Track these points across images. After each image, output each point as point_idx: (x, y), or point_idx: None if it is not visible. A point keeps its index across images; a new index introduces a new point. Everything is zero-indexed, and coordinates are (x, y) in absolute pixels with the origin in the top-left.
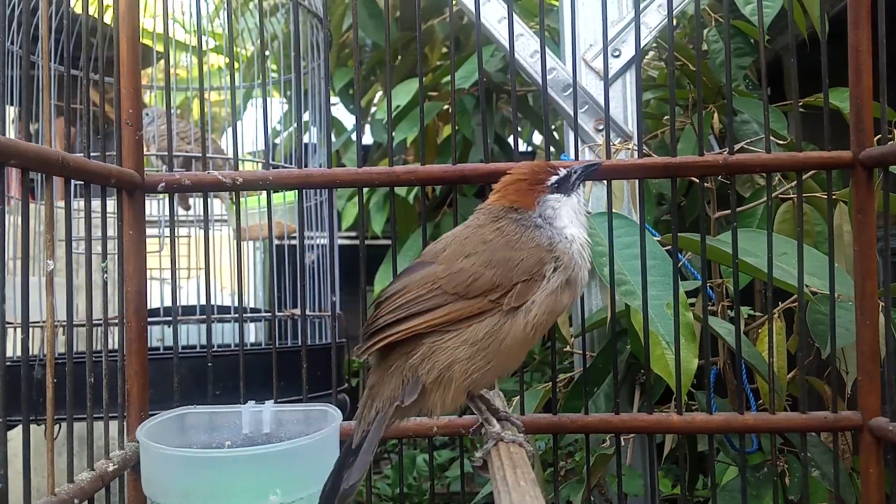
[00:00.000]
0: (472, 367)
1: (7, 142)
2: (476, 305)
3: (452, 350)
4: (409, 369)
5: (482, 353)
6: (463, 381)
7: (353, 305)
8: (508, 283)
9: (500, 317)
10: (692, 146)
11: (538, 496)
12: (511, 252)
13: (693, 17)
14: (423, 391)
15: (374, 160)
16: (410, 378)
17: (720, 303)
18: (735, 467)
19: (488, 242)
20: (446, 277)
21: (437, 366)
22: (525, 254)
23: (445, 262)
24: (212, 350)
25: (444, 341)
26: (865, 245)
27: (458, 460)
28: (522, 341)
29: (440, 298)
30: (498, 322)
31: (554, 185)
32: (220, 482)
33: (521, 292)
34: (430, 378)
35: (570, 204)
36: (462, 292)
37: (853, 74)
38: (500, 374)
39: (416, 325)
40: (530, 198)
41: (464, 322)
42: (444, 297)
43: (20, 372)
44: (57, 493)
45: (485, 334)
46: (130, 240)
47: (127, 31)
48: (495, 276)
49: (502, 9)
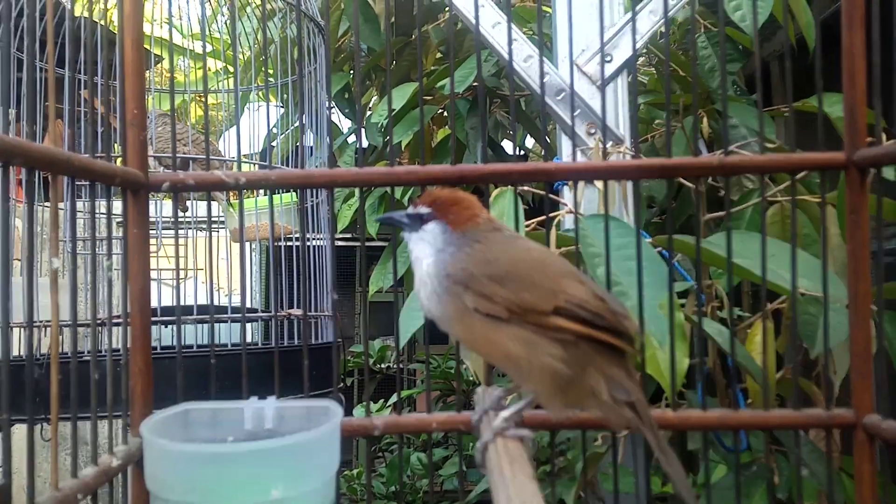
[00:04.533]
0: None
1: (12, 141)
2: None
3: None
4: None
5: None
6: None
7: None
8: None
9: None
10: (682, 149)
11: (535, 491)
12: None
13: (682, 24)
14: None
15: (370, 163)
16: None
17: (709, 304)
18: (724, 466)
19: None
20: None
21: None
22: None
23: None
24: (207, 349)
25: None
26: (858, 246)
27: (450, 458)
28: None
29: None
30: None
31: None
32: (223, 477)
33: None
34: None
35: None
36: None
37: (846, 76)
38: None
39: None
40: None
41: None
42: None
43: (22, 371)
44: (60, 487)
45: None
46: (135, 239)
47: (131, 32)
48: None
49: (496, 14)
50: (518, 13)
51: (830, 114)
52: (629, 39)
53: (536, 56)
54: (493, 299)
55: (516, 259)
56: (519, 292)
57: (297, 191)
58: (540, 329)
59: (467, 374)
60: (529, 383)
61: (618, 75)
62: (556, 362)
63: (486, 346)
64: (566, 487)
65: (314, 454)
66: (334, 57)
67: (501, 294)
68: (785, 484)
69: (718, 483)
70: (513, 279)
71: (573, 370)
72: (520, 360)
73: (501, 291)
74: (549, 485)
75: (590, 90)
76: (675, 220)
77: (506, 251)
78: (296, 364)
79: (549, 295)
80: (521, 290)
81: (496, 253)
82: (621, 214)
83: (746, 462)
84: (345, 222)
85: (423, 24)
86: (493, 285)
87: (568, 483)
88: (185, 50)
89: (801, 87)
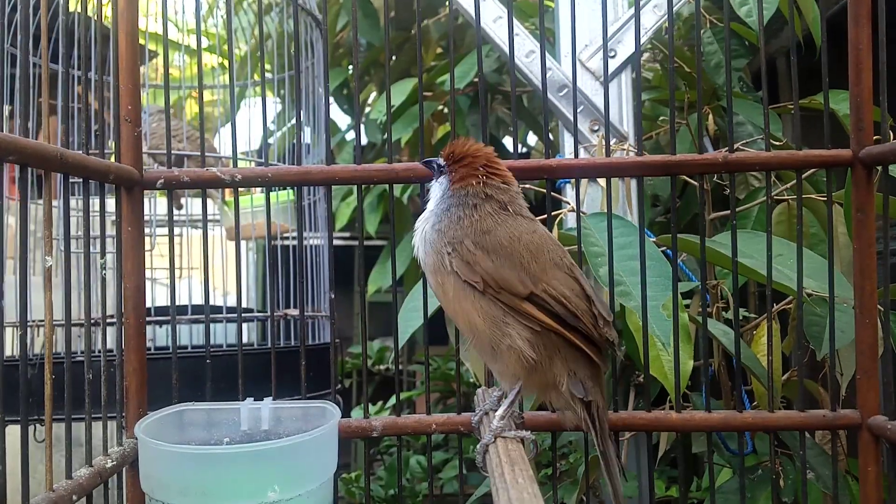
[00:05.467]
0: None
1: (5, 137)
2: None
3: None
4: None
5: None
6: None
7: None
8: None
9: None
10: (687, 146)
11: (536, 493)
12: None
13: (687, 19)
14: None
15: (368, 160)
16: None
17: (715, 304)
18: (729, 469)
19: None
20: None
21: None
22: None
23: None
24: (202, 349)
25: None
26: (865, 244)
27: (450, 461)
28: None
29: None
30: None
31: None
32: (219, 478)
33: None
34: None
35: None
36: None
37: (853, 73)
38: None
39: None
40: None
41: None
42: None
43: (17, 370)
44: (55, 489)
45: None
46: (129, 236)
47: (126, 27)
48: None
49: (498, 9)
50: (520, 7)
51: (837, 111)
52: (633, 34)
53: (538, 51)
54: (473, 268)
55: (513, 236)
56: (501, 269)
57: (294, 188)
58: (511, 310)
59: (467, 375)
60: (495, 363)
61: (621, 71)
62: (523, 344)
63: (456, 311)
64: (568, 491)
65: (312, 456)
66: (332, 52)
67: (483, 265)
68: (790, 487)
69: (723, 486)
70: (500, 254)
71: (539, 356)
72: (482, 336)
73: (485, 263)
74: (550, 488)
75: (593, 86)
76: (679, 218)
77: (504, 225)
78: (293, 365)
79: (530, 280)
80: (505, 267)
81: (492, 224)
82: (625, 213)
83: (751, 465)
84: (343, 221)
85: (424, 18)
86: (479, 255)
87: (570, 487)
88: (181, 45)
89: (808, 84)
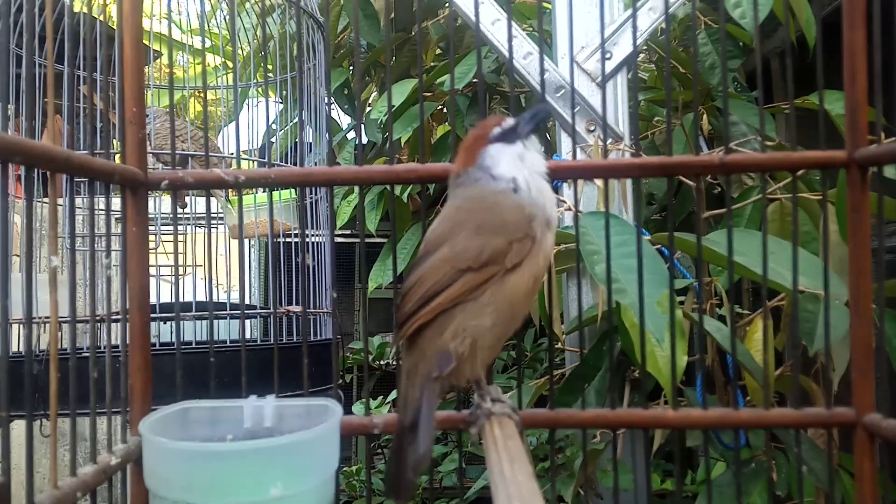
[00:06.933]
0: (490, 333)
1: (12, 139)
2: (484, 274)
3: (475, 323)
4: (441, 346)
5: (496, 314)
6: (485, 350)
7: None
8: (506, 246)
9: (505, 276)
10: (682, 147)
11: (535, 490)
12: (501, 213)
13: (682, 21)
14: (456, 362)
15: (369, 160)
16: (444, 353)
17: (708, 301)
18: (723, 463)
19: (472, 212)
20: (452, 258)
21: (465, 342)
22: (512, 212)
23: (448, 245)
24: (206, 346)
25: (466, 316)
26: (859, 244)
27: (448, 455)
28: (526, 293)
29: (452, 276)
30: (503, 283)
31: (495, 136)
32: (222, 475)
33: (518, 251)
34: (461, 351)
35: (510, 151)
36: (473, 266)
37: (848, 75)
38: (510, 332)
39: (439, 304)
40: (473, 154)
41: (478, 289)
42: (456, 274)
43: (22, 367)
44: (59, 486)
45: (495, 298)
46: (133, 236)
47: (130, 29)
48: (494, 244)
49: (497, 11)
50: (518, 10)
51: (831, 111)
52: (629, 36)
53: (536, 53)
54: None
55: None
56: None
57: (296, 187)
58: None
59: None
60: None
61: (618, 72)
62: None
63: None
64: (565, 484)
65: (314, 452)
66: (334, 53)
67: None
68: (784, 481)
69: (718, 480)
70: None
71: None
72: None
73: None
74: (548, 481)
75: (589, 87)
76: (674, 217)
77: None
78: (295, 361)
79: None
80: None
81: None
82: (620, 212)
83: (746, 459)
84: (344, 219)
85: (423, 20)
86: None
87: (567, 480)
88: (184, 46)
89: (802, 85)
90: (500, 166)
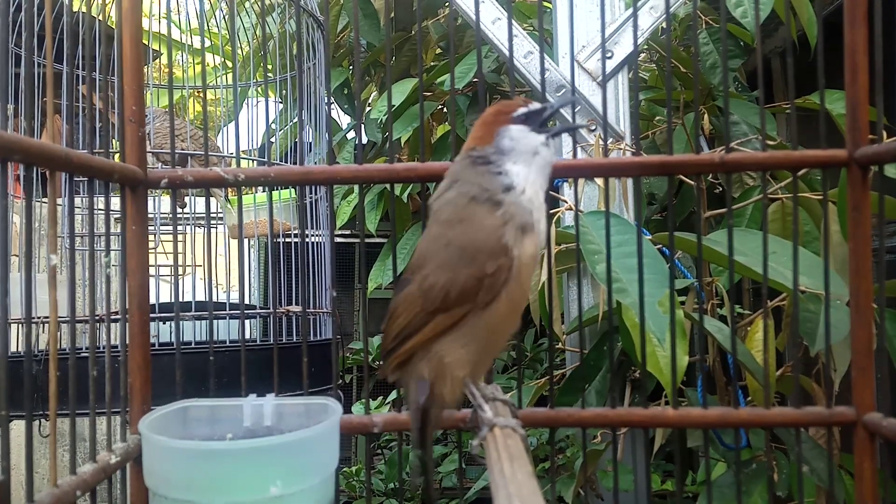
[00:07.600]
0: (466, 359)
1: (11, 137)
2: (455, 315)
3: (449, 352)
4: (418, 375)
5: (473, 345)
6: (460, 373)
7: (346, 303)
8: (475, 283)
9: (480, 312)
10: (683, 146)
11: (535, 489)
12: (472, 235)
13: (683, 20)
14: (431, 389)
15: (369, 159)
16: (422, 382)
17: (709, 301)
18: (723, 463)
19: (450, 236)
20: (422, 297)
21: (438, 367)
22: (484, 235)
23: (418, 280)
24: (206, 346)
25: (441, 346)
26: (860, 243)
27: (448, 456)
28: (506, 321)
29: (423, 318)
30: (480, 317)
31: (521, 117)
32: (222, 473)
33: (489, 286)
34: (434, 377)
35: (531, 139)
36: (440, 307)
37: (849, 74)
38: (495, 354)
39: (412, 345)
40: (492, 130)
41: (452, 328)
42: (426, 317)
43: (21, 367)
44: (59, 484)
45: (471, 332)
46: (133, 235)
47: (130, 28)
48: (462, 280)
49: (497, 10)
50: (518, 9)
51: (832, 111)
52: (630, 35)
53: (537, 52)
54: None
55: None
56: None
57: (296, 187)
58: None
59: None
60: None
61: (618, 71)
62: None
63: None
64: (565, 485)
65: (313, 451)
66: (333, 52)
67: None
68: (784, 481)
69: (718, 480)
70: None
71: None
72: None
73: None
74: (548, 482)
75: (590, 86)
76: (675, 216)
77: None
78: (295, 361)
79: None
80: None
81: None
82: (621, 211)
83: (746, 459)
84: (344, 219)
85: (423, 19)
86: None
87: (567, 480)
88: (184, 45)
89: (803, 84)
90: (517, 154)
